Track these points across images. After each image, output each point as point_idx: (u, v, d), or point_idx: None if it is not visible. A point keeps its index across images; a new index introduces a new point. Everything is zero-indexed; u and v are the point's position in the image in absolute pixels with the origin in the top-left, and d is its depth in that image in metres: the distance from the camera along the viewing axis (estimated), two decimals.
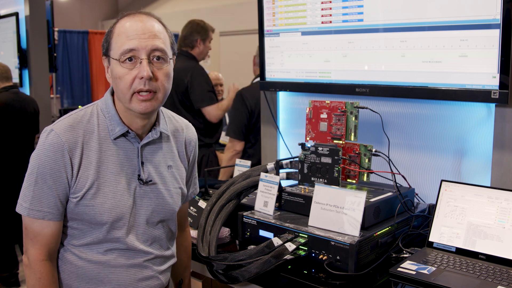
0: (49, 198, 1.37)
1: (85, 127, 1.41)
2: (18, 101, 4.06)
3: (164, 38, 1.42)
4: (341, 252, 1.54)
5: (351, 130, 1.91)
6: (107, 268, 1.44)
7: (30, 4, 4.93)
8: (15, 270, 4.10)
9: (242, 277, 1.55)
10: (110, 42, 1.41)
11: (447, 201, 1.67)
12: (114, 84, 1.42)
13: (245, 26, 7.21)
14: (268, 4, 2.41)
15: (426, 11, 1.91)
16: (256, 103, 3.23)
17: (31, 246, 1.40)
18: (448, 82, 1.89)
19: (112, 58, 1.40)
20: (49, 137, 1.37)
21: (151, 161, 1.49)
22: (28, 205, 1.37)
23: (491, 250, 1.55)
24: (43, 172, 1.36)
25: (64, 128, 1.38)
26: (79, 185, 1.38)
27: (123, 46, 1.37)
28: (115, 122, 1.43)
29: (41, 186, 1.37)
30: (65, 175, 1.37)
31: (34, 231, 1.39)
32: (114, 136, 1.43)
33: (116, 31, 1.41)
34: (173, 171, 1.55)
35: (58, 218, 1.40)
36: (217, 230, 1.78)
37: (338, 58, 2.20)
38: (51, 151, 1.36)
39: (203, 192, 2.26)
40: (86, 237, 1.43)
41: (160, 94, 1.41)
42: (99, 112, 1.45)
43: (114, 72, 1.40)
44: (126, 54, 1.37)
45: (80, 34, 9.47)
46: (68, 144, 1.36)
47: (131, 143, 1.46)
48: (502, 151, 1.83)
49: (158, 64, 1.40)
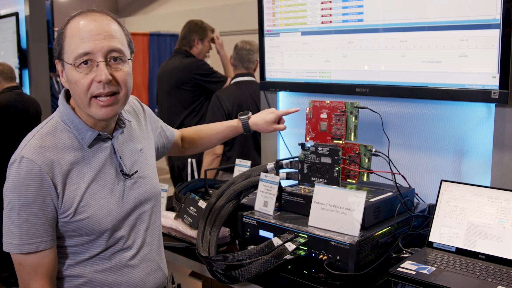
0: (38, 227, 1.30)
1: (54, 144, 1.33)
2: (21, 102, 4.06)
3: (121, 38, 1.36)
4: (341, 252, 1.54)
5: (351, 130, 1.91)
6: (114, 272, 1.43)
7: (30, 4, 4.93)
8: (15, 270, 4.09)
9: (242, 277, 1.55)
10: (62, 45, 1.32)
11: (447, 201, 1.67)
12: (71, 89, 1.35)
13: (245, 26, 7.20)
14: (268, 4, 2.41)
15: (426, 11, 1.91)
16: (233, 106, 3.20)
17: (31, 280, 1.33)
18: (448, 82, 1.89)
19: (66, 63, 1.32)
20: (23, 165, 1.28)
21: (125, 152, 1.47)
22: (17, 241, 1.29)
23: (491, 250, 1.55)
24: (26, 202, 1.28)
25: (34, 151, 1.30)
26: (67, 203, 1.33)
27: (77, 49, 1.29)
28: (83, 130, 1.37)
29: (27, 218, 1.28)
30: (49, 198, 1.30)
31: (31, 265, 1.32)
32: (88, 143, 1.37)
33: (68, 32, 1.32)
34: (146, 152, 1.55)
35: (52, 244, 1.34)
36: (217, 230, 1.78)
37: (338, 58, 2.20)
38: (29, 179, 1.28)
39: (203, 192, 2.26)
40: (91, 249, 1.39)
41: (121, 95, 1.36)
42: (61, 125, 1.37)
43: (70, 77, 1.32)
44: (81, 58, 1.29)
45: None
46: (45, 166, 1.29)
47: (103, 143, 1.42)
48: (502, 151, 1.83)
49: (116, 65, 1.34)
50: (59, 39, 1.34)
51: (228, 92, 3.28)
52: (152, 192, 1.53)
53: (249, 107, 3.20)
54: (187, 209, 2.00)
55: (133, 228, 1.46)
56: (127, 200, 1.44)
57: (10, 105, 3.96)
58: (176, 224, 2.03)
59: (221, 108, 3.21)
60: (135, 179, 1.48)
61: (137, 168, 1.49)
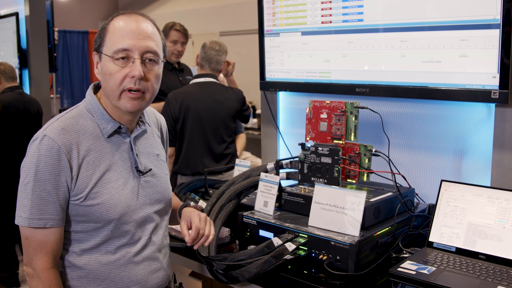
0: (49, 204, 1.35)
1: (76, 128, 1.40)
2: (22, 102, 4.06)
3: (157, 41, 1.45)
4: (341, 252, 1.54)
5: (351, 130, 1.91)
6: (117, 266, 1.44)
7: (30, 4, 4.93)
8: (15, 270, 4.10)
9: (242, 277, 1.55)
10: (103, 38, 1.42)
11: (447, 201, 1.67)
12: (104, 81, 1.43)
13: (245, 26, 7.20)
14: (268, 4, 2.41)
15: (426, 11, 1.91)
16: (180, 110, 3.09)
17: (35, 255, 1.37)
18: (448, 82, 1.89)
19: (104, 54, 1.41)
20: (44, 143, 1.34)
21: (142, 152, 1.53)
22: (27, 215, 1.35)
23: (491, 250, 1.55)
24: (41, 178, 1.34)
25: (56, 132, 1.36)
26: (80, 187, 1.38)
27: (117, 44, 1.38)
28: (106, 120, 1.44)
29: (40, 194, 1.34)
30: (64, 178, 1.36)
31: (37, 241, 1.37)
32: (108, 134, 1.44)
33: (110, 28, 1.42)
34: (161, 159, 1.59)
35: (59, 223, 1.38)
36: (217, 230, 1.78)
37: (338, 58, 2.20)
38: (48, 156, 1.34)
39: (203, 192, 2.26)
40: (94, 238, 1.42)
41: (148, 95, 1.44)
42: (85, 113, 1.45)
43: (105, 68, 1.41)
44: (120, 52, 1.38)
45: (80, 34, 9.48)
46: (64, 147, 1.35)
47: (122, 138, 1.48)
48: (502, 151, 1.83)
49: (150, 65, 1.43)
50: (101, 33, 1.44)
51: (179, 95, 3.15)
52: (163, 194, 1.56)
53: (199, 110, 3.08)
54: None
55: (140, 225, 1.48)
56: (138, 197, 1.48)
57: (11, 105, 3.97)
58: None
59: (168, 111, 3.11)
60: (149, 179, 1.51)
61: (154, 170, 1.53)
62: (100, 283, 1.44)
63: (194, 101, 3.11)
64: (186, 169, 3.17)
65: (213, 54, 3.20)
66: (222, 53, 3.23)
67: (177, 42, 3.75)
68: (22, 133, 4.00)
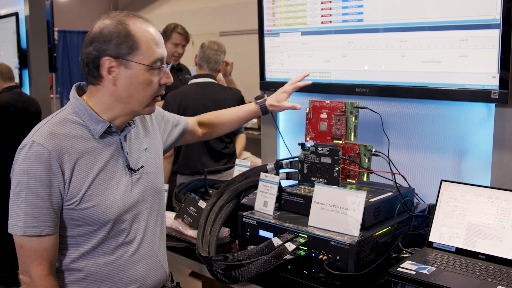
0: (43, 211, 1.33)
1: (65, 132, 1.38)
2: (21, 102, 4.06)
3: None
4: (341, 252, 1.54)
5: (351, 130, 1.91)
6: (116, 266, 1.45)
7: (30, 4, 4.93)
8: (15, 270, 4.10)
9: (242, 277, 1.55)
10: (134, 47, 1.37)
11: (447, 201, 1.67)
12: (134, 90, 1.40)
13: (245, 26, 7.20)
14: (268, 4, 2.41)
15: (426, 11, 1.91)
16: (178, 110, 3.05)
17: (31, 263, 1.36)
18: (448, 82, 1.89)
19: (138, 63, 1.38)
20: (33, 149, 1.32)
21: (133, 149, 1.53)
22: (22, 223, 1.32)
23: (491, 250, 1.55)
24: (34, 185, 1.32)
25: (45, 137, 1.34)
26: (74, 190, 1.37)
27: (155, 54, 1.40)
28: (95, 121, 1.42)
29: (33, 201, 1.32)
30: (56, 184, 1.34)
31: (32, 248, 1.35)
32: (99, 134, 1.42)
33: (140, 36, 1.38)
34: (151, 152, 1.59)
35: (54, 230, 1.37)
36: (217, 230, 1.78)
37: (338, 58, 2.20)
38: (38, 162, 1.32)
39: (203, 192, 2.26)
40: (91, 240, 1.42)
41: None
42: (72, 116, 1.42)
43: (141, 78, 1.40)
44: (158, 61, 1.41)
45: (80, 34, 9.47)
46: (54, 152, 1.33)
47: (112, 137, 1.47)
48: (502, 151, 1.83)
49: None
50: (125, 40, 1.36)
51: (177, 95, 3.15)
52: (154, 189, 1.57)
53: (197, 111, 3.05)
54: (187, 209, 2.00)
55: (134, 222, 1.49)
56: (132, 194, 1.48)
57: (10, 105, 3.97)
58: (176, 224, 2.03)
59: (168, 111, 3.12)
60: (140, 175, 1.52)
61: (144, 166, 1.54)
62: (100, 285, 1.43)
63: (192, 102, 3.10)
64: (186, 169, 3.17)
65: (212, 54, 3.20)
66: (220, 53, 3.22)
67: (178, 45, 3.77)
68: (21, 133, 3.98)
